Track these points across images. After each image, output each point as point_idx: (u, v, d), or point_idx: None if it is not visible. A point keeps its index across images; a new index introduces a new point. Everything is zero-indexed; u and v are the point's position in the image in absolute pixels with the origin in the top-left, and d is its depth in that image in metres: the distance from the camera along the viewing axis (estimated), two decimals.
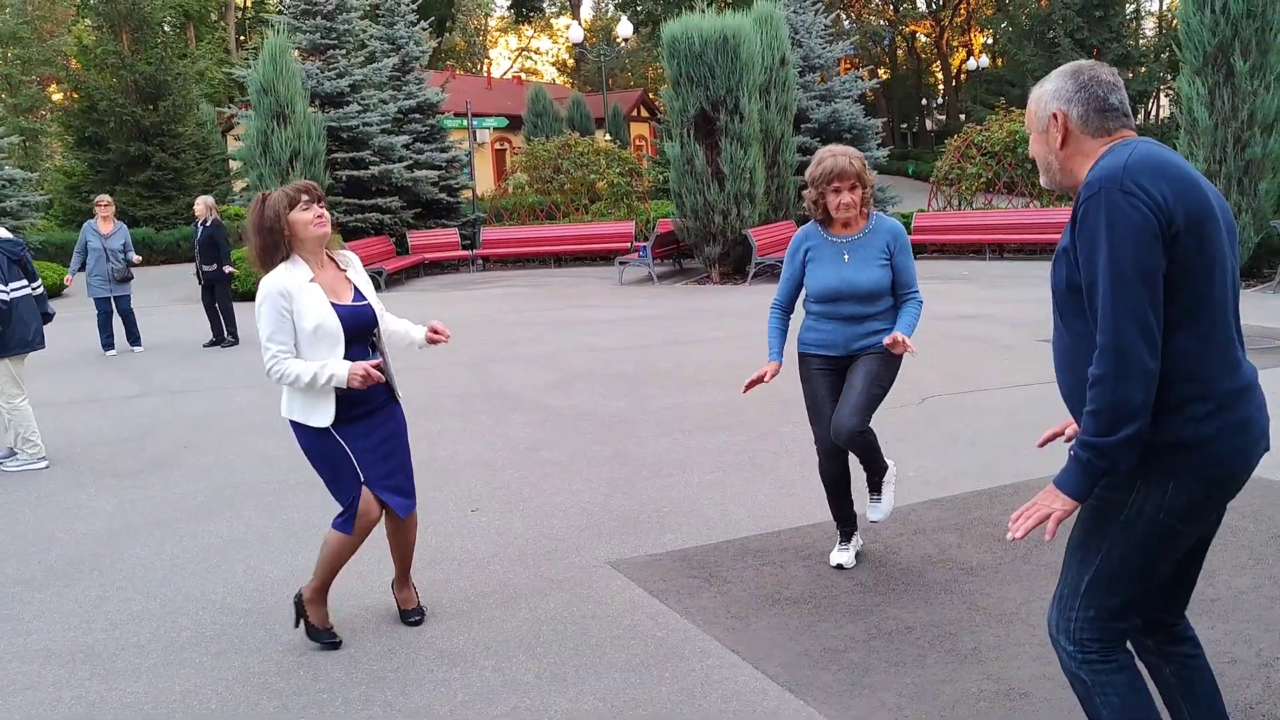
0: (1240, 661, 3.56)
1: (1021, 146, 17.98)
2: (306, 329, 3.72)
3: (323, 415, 3.80)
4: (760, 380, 4.36)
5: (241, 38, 47.50)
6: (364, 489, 3.89)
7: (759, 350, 4.75)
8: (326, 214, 3.87)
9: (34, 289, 7.13)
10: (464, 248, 20.67)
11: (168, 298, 17.62)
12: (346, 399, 3.82)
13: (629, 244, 19.21)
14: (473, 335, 11.59)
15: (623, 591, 4.43)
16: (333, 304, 3.79)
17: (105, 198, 12.15)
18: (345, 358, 3.78)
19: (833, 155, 4.28)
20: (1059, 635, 2.51)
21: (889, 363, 4.31)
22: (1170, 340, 2.26)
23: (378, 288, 17.73)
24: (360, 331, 3.88)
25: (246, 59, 37.56)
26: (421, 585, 4.54)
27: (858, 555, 4.63)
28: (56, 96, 42.58)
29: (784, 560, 4.69)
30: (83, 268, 11.71)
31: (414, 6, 21.84)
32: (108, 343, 11.69)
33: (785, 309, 4.51)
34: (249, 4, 51.56)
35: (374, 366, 3.73)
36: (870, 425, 4.26)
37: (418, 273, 19.77)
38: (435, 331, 4.11)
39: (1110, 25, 34.67)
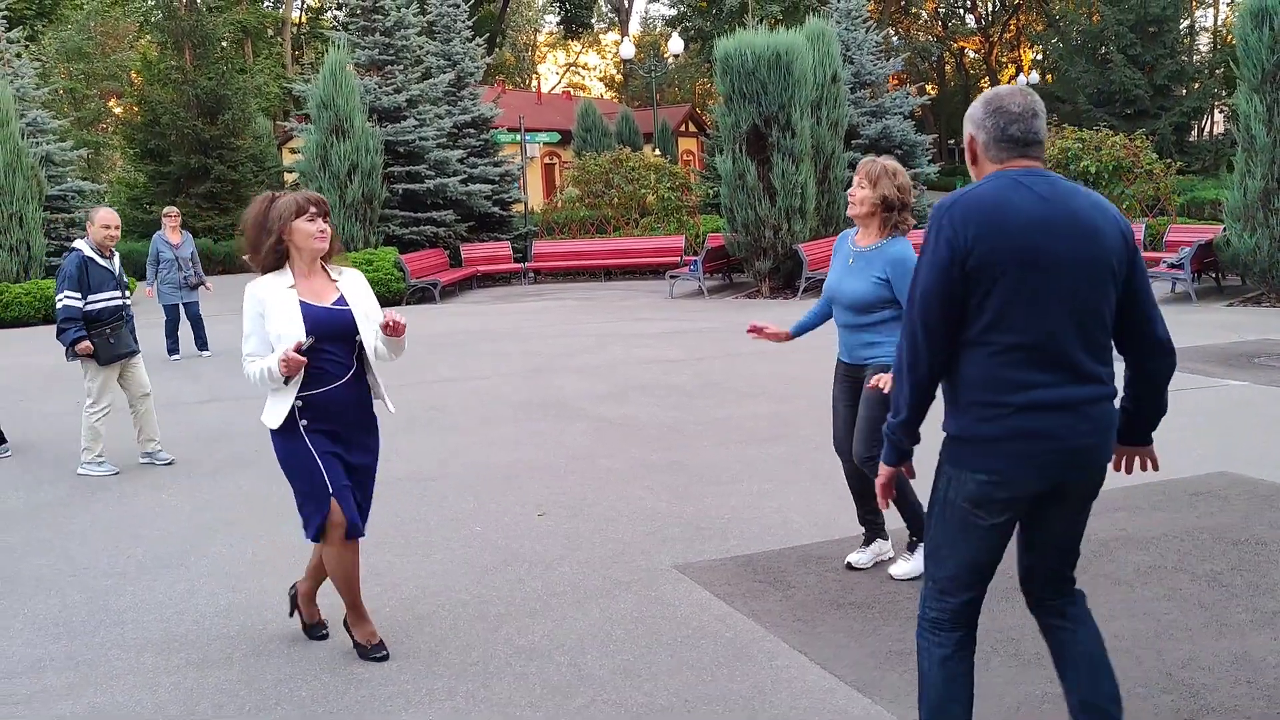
0: None
1: (1073, 163, 17.94)
2: (271, 333, 3.80)
3: (275, 415, 3.83)
4: (763, 330, 4.62)
5: (297, 52, 48.41)
6: (332, 501, 3.84)
7: (809, 364, 4.91)
8: (329, 230, 3.91)
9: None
10: (516, 260, 20.95)
11: (225, 307, 17.95)
12: (310, 411, 3.83)
13: (678, 258, 19.37)
14: (527, 346, 11.80)
15: (690, 594, 4.56)
16: (305, 303, 3.83)
17: (173, 209, 12.54)
18: (324, 358, 3.80)
19: (870, 157, 4.55)
20: (920, 603, 2.91)
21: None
22: (971, 351, 2.61)
23: (432, 299, 18.09)
24: (336, 333, 3.86)
25: (303, 74, 38.34)
26: (495, 586, 4.72)
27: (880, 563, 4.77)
28: (117, 110, 43.67)
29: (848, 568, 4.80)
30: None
31: (470, 23, 22.20)
32: (173, 348, 12.05)
33: (823, 304, 4.74)
34: (304, 20, 52.51)
35: (295, 349, 3.68)
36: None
37: (470, 285, 20.06)
38: (392, 324, 3.80)
39: (1164, 41, 34.37)
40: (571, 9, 54.80)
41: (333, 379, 3.86)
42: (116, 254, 7.40)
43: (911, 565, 4.58)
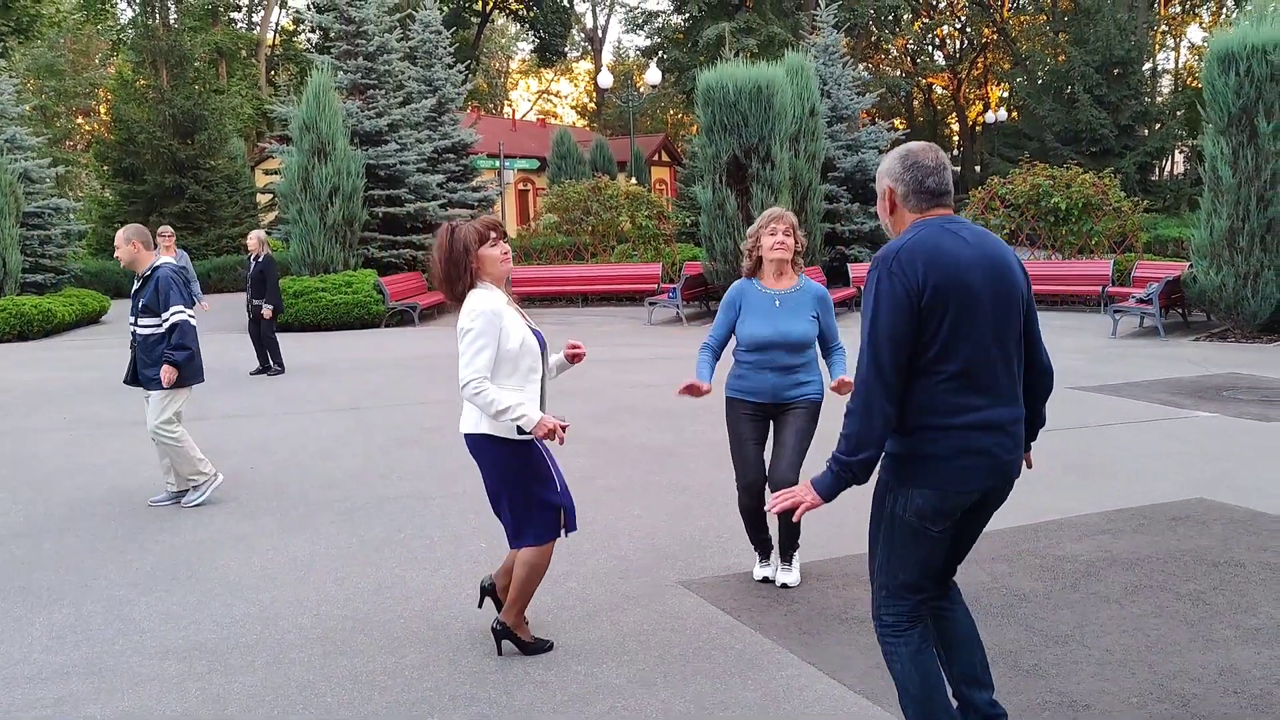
0: None
1: (1044, 199, 18.37)
2: (512, 348, 3.92)
3: (509, 429, 3.94)
4: (694, 389, 4.74)
5: (271, 73, 48.38)
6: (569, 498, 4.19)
7: None
8: (510, 250, 4.13)
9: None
10: None
11: (204, 326, 17.96)
12: None
13: (655, 285, 19.58)
14: None
15: (696, 608, 4.71)
16: (527, 323, 4.09)
17: (168, 229, 12.60)
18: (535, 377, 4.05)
19: (772, 209, 4.92)
20: (872, 613, 3.16)
21: (814, 418, 4.80)
22: (920, 379, 2.88)
23: (411, 322, 18.18)
24: (542, 349, 4.14)
25: (275, 95, 38.34)
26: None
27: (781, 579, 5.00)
28: (86, 128, 43.44)
29: (845, 584, 4.97)
30: None
31: (451, 50, 22.41)
32: None
33: (715, 352, 4.94)
34: (278, 42, 52.53)
35: (561, 428, 3.87)
36: None
37: (446, 308, 20.15)
38: (574, 347, 4.32)
39: (1129, 83, 35.20)
40: (546, 37, 55.20)
41: (541, 395, 4.11)
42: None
43: (795, 574, 4.97)
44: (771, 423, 4.87)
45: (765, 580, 5.02)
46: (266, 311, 12.22)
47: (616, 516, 6.16)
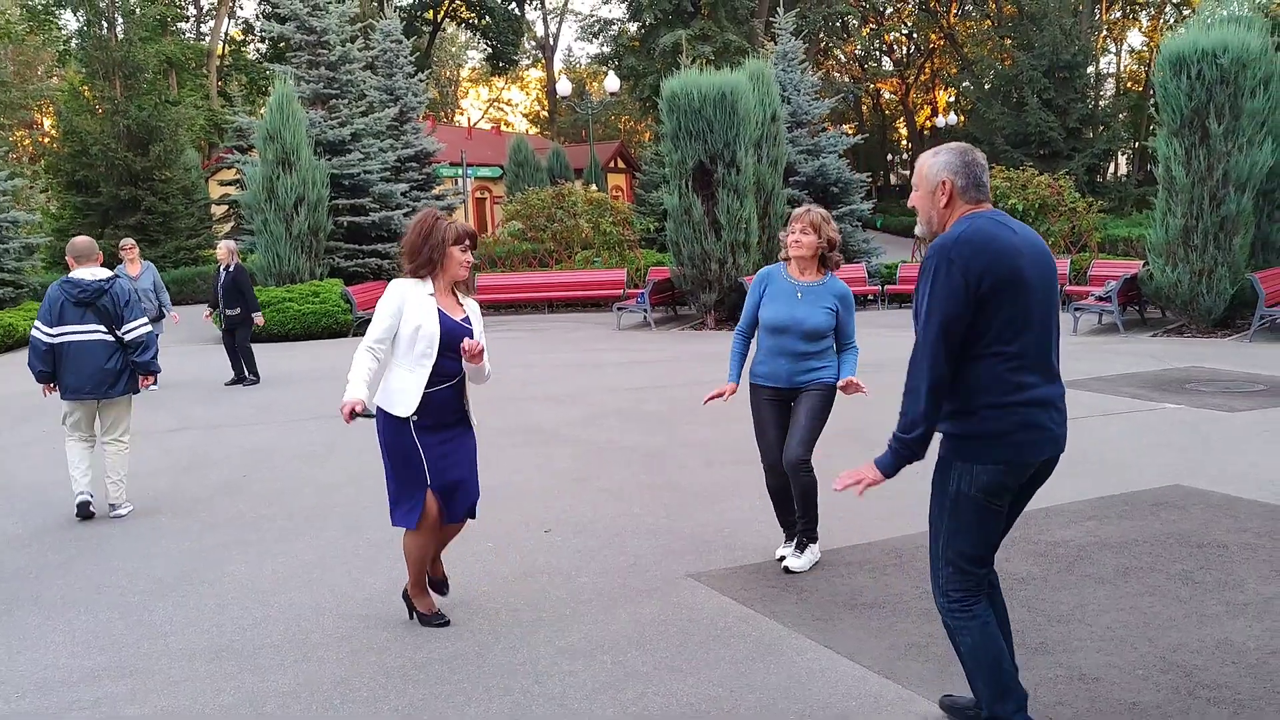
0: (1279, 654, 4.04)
1: (1001, 201, 18.77)
2: (406, 332, 4.30)
3: (405, 405, 4.31)
4: (719, 396, 5.17)
5: (220, 84, 47.86)
6: (428, 491, 4.39)
7: None
8: (472, 261, 4.50)
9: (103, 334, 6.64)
10: None
11: (170, 339, 17.82)
12: (423, 409, 4.33)
13: (620, 291, 19.72)
14: None
15: (710, 599, 4.85)
16: (441, 311, 4.38)
17: (129, 240, 12.53)
18: (445, 361, 4.33)
19: (804, 207, 5.15)
20: (934, 591, 3.34)
21: (826, 400, 5.06)
22: (981, 362, 3.07)
23: None
24: (457, 343, 4.35)
25: (227, 106, 37.98)
26: (518, 594, 4.97)
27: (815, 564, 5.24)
28: (26, 142, 42.71)
29: (850, 573, 5.13)
30: None
31: (413, 59, 22.43)
32: None
33: (746, 336, 5.28)
34: (226, 52, 52.00)
35: (359, 411, 4.25)
36: (814, 473, 5.03)
37: None
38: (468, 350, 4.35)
39: (1075, 86, 35.98)
40: (497, 45, 55.18)
41: (448, 379, 4.38)
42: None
43: (807, 558, 5.17)
44: (791, 408, 5.10)
45: (782, 559, 5.23)
46: (259, 319, 12.29)
47: (617, 515, 6.29)
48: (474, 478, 4.58)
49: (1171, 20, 46.32)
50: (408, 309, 4.32)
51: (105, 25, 29.05)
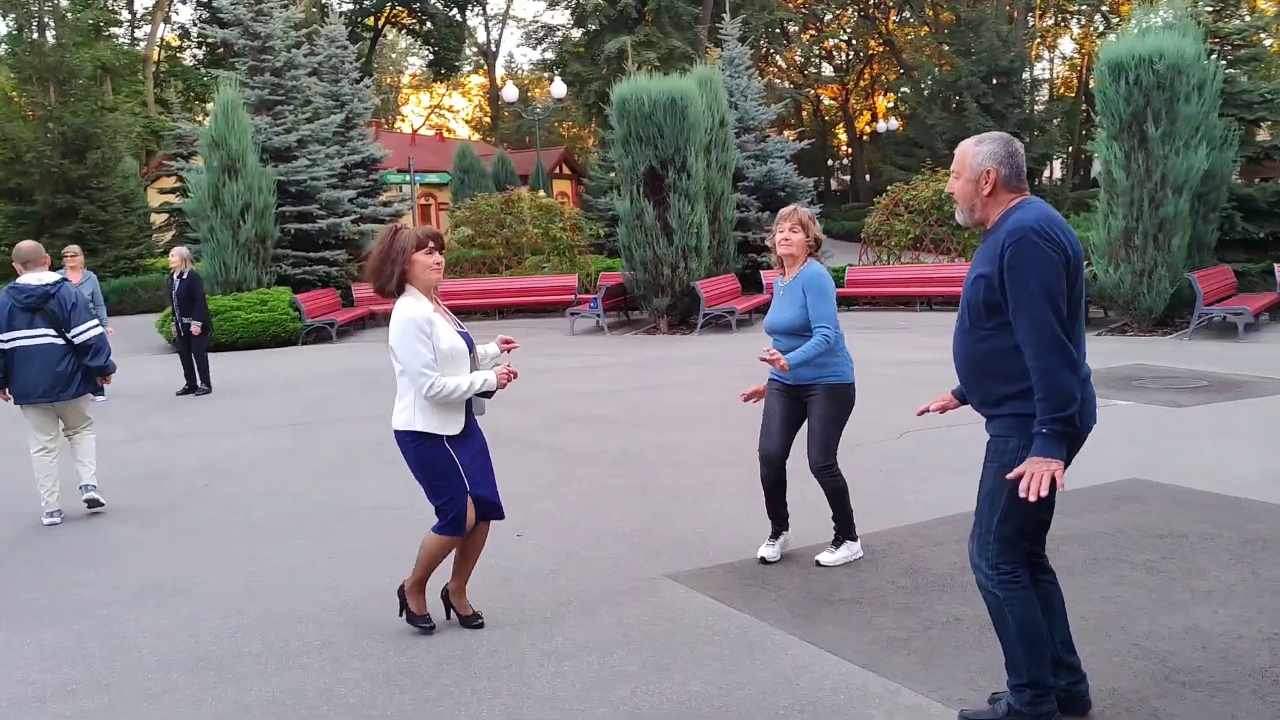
0: (1246, 637, 4.17)
1: (947, 204, 19.04)
2: (443, 349, 4.27)
3: (455, 424, 4.37)
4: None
5: (157, 90, 47.00)
6: (468, 498, 4.43)
7: (728, 394, 5.41)
8: (443, 261, 4.43)
9: (53, 338, 6.68)
10: None
11: (116, 348, 17.47)
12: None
13: (572, 296, 19.70)
14: None
15: (690, 598, 4.89)
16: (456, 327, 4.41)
17: (73, 248, 12.28)
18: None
19: (790, 207, 5.29)
20: (980, 562, 3.42)
21: (835, 402, 5.12)
22: None
23: (329, 339, 17.99)
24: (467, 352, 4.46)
25: (164, 112, 37.31)
26: (497, 599, 4.95)
27: (784, 555, 5.38)
28: None
29: (826, 570, 5.19)
30: None
31: (358, 65, 22.25)
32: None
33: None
34: (162, 58, 51.10)
35: (510, 370, 4.41)
36: (842, 475, 5.18)
37: (364, 324, 19.96)
38: (506, 340, 4.74)
39: (1012, 92, 36.67)
40: (439, 51, 54.88)
41: None
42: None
43: (837, 557, 5.22)
44: (805, 406, 5.18)
45: (762, 560, 5.27)
46: (195, 328, 11.99)
47: (593, 518, 6.30)
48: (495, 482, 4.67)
49: (1101, 28, 47.35)
50: (434, 329, 4.27)
51: (36, 29, 28.48)
